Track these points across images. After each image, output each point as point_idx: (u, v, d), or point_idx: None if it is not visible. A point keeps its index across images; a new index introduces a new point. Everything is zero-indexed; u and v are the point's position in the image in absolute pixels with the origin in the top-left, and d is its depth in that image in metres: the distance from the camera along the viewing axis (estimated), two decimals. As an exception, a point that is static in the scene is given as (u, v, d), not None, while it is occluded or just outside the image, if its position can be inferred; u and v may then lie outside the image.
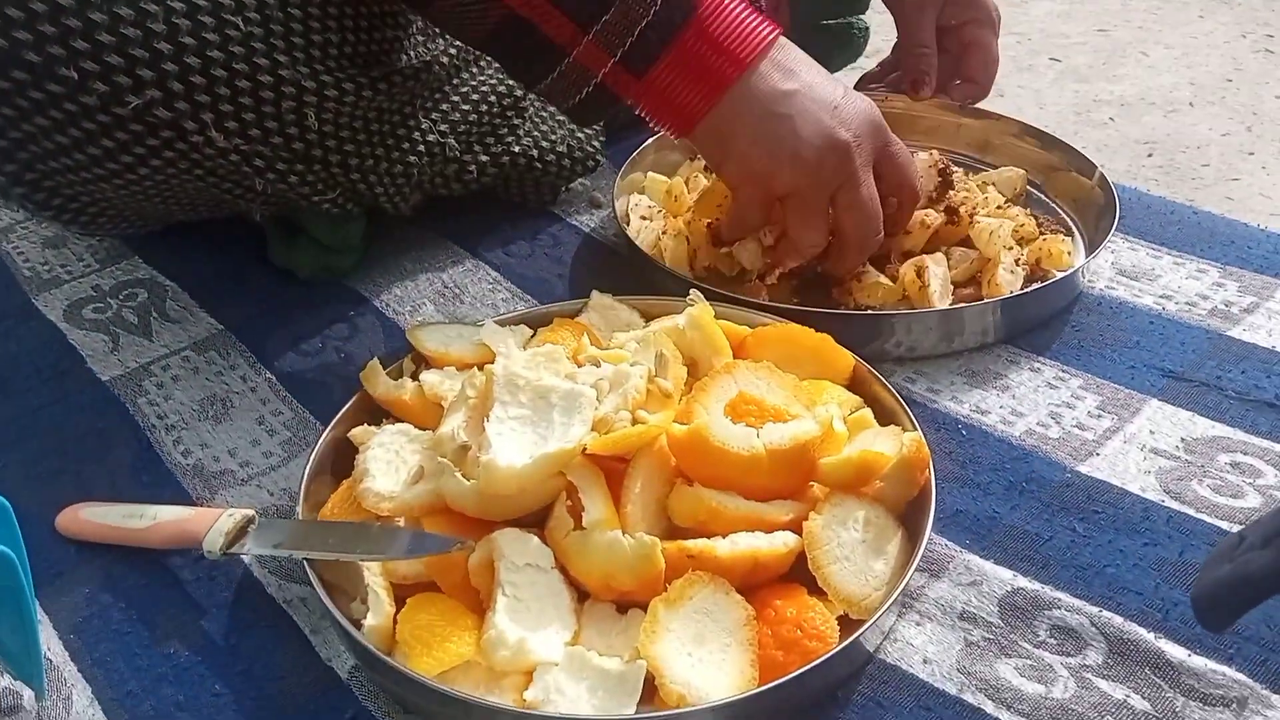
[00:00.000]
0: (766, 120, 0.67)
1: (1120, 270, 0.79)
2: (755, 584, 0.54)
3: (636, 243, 0.79)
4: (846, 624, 0.52)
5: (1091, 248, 0.77)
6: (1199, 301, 0.75)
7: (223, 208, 0.78)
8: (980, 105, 0.92)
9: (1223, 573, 0.45)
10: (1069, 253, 0.76)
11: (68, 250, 0.90)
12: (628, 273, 0.80)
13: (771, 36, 0.67)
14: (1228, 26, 1.48)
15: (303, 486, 0.59)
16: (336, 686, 0.54)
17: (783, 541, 0.54)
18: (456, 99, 0.82)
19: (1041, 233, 0.79)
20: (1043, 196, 0.86)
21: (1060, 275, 0.73)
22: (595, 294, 0.71)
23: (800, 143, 0.67)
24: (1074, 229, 0.82)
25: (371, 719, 0.53)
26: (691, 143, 0.72)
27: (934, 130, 0.93)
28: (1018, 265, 0.74)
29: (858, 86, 0.99)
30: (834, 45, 1.03)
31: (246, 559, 0.61)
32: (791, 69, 0.68)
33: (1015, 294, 0.72)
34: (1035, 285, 0.73)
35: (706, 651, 0.51)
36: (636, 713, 0.49)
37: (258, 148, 0.69)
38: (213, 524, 0.58)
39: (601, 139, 0.91)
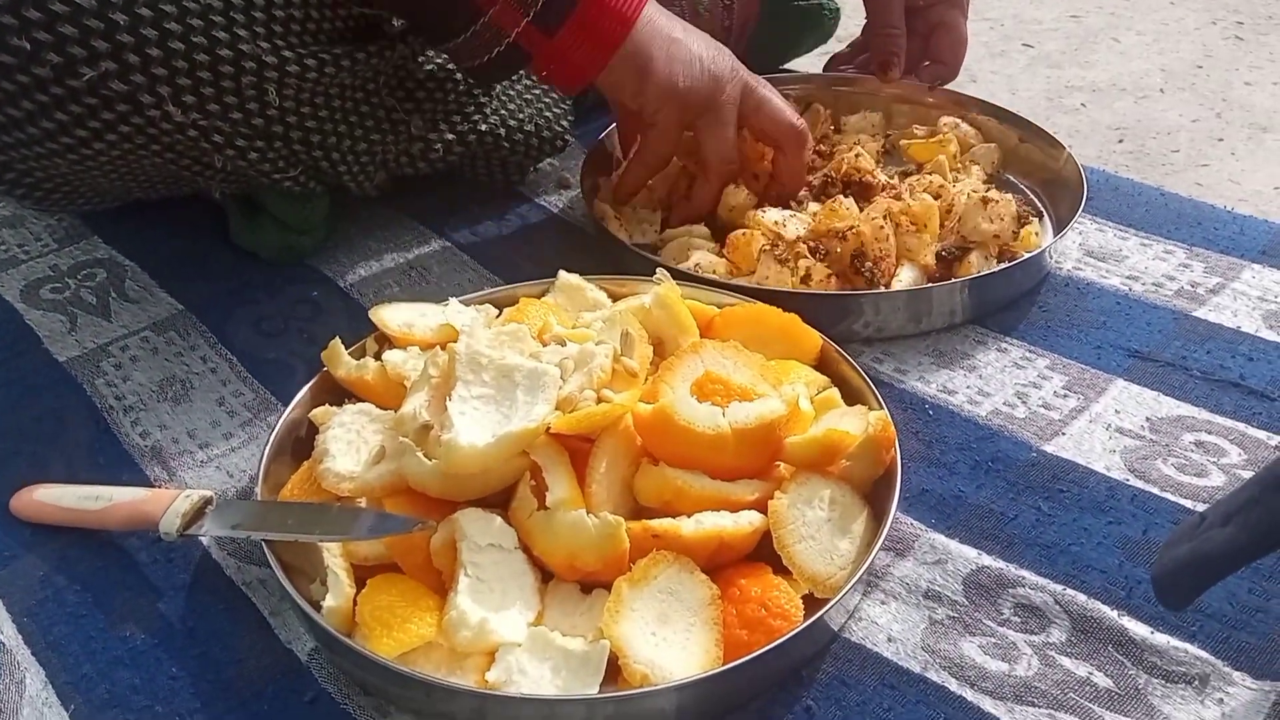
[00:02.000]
0: (672, 44, 0.73)
1: (1088, 251, 0.79)
2: (720, 563, 0.53)
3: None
4: (811, 603, 0.52)
5: (1059, 228, 0.77)
6: (1165, 282, 0.76)
7: (182, 185, 0.77)
8: (950, 87, 0.92)
9: (1182, 552, 0.46)
10: (1036, 234, 0.76)
11: (25, 230, 0.88)
12: (595, 253, 0.79)
13: None
14: (1198, 13, 1.49)
15: (261, 467, 0.58)
16: (296, 669, 0.54)
17: (748, 521, 0.53)
18: (422, 76, 0.81)
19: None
20: (1010, 178, 0.86)
21: (1027, 255, 0.73)
22: (562, 274, 0.70)
23: (704, 59, 0.74)
24: (1043, 210, 0.82)
25: (331, 701, 0.52)
26: (605, 87, 0.75)
27: (903, 111, 0.92)
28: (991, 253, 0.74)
29: (827, 68, 0.99)
30: (804, 26, 1.02)
31: (205, 541, 0.60)
32: (670, 16, 0.75)
33: (982, 274, 0.72)
34: (1003, 265, 0.72)
35: (671, 631, 0.50)
36: (600, 693, 0.48)
37: (216, 123, 0.68)
38: (169, 505, 0.57)
39: (570, 119, 0.90)
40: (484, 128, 0.84)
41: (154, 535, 0.57)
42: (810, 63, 1.07)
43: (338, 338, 0.64)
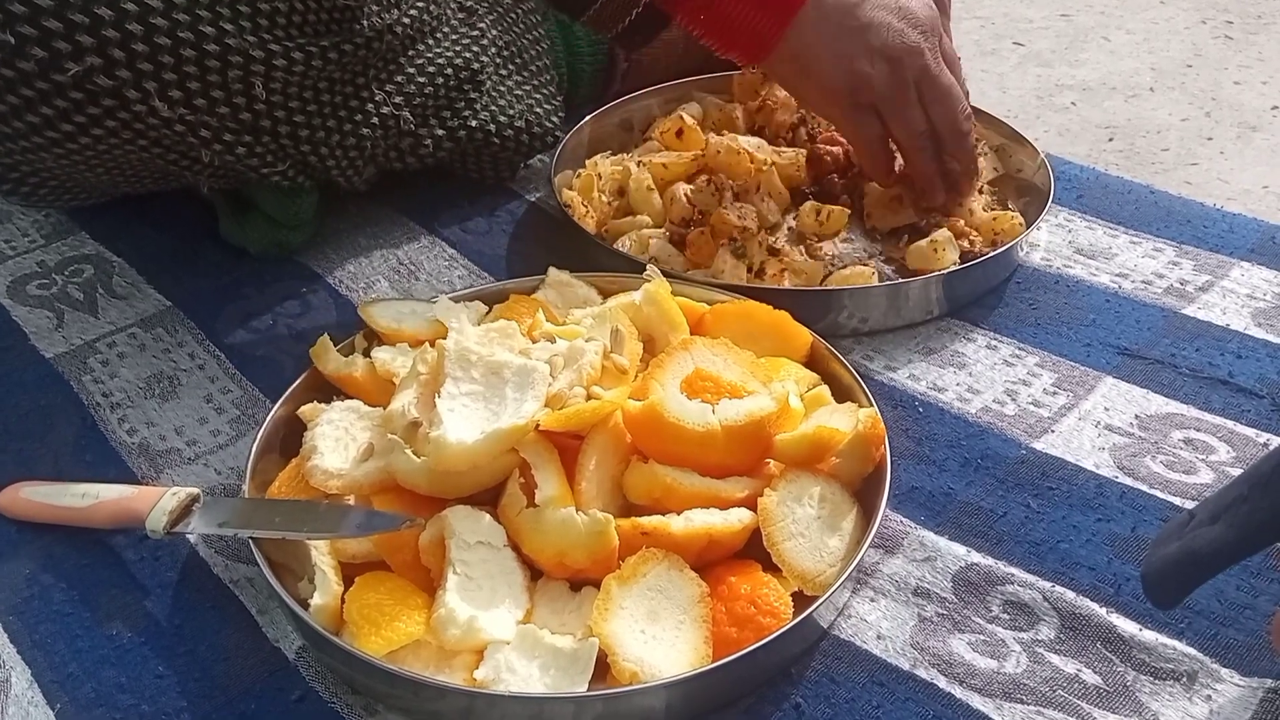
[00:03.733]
0: (841, 38, 0.68)
1: (1078, 249, 0.79)
2: (710, 561, 0.53)
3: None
4: (801, 600, 0.52)
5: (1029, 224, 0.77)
6: (1154, 280, 0.76)
7: (169, 180, 0.77)
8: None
9: (1171, 550, 0.46)
10: (1021, 224, 0.76)
11: (12, 225, 0.87)
12: (585, 250, 0.79)
13: None
14: (1188, 13, 1.49)
15: (249, 464, 0.58)
16: (283, 667, 0.53)
17: (738, 518, 0.53)
18: (412, 70, 0.80)
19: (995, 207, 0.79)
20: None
21: (999, 249, 0.73)
22: (552, 270, 0.70)
23: (874, 55, 0.68)
24: (1014, 207, 0.82)
25: (319, 700, 0.52)
26: (764, 69, 0.72)
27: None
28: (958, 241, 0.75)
29: None
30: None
31: (192, 539, 0.60)
32: None
33: (955, 268, 0.72)
34: (974, 260, 0.73)
35: (660, 629, 0.50)
36: (589, 691, 0.48)
37: (203, 118, 0.67)
38: (156, 503, 0.57)
39: (561, 114, 0.90)
40: (474, 123, 0.84)
41: (141, 533, 0.57)
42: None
43: (326, 334, 0.64)
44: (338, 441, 0.58)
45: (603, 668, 0.49)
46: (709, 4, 0.67)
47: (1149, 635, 0.52)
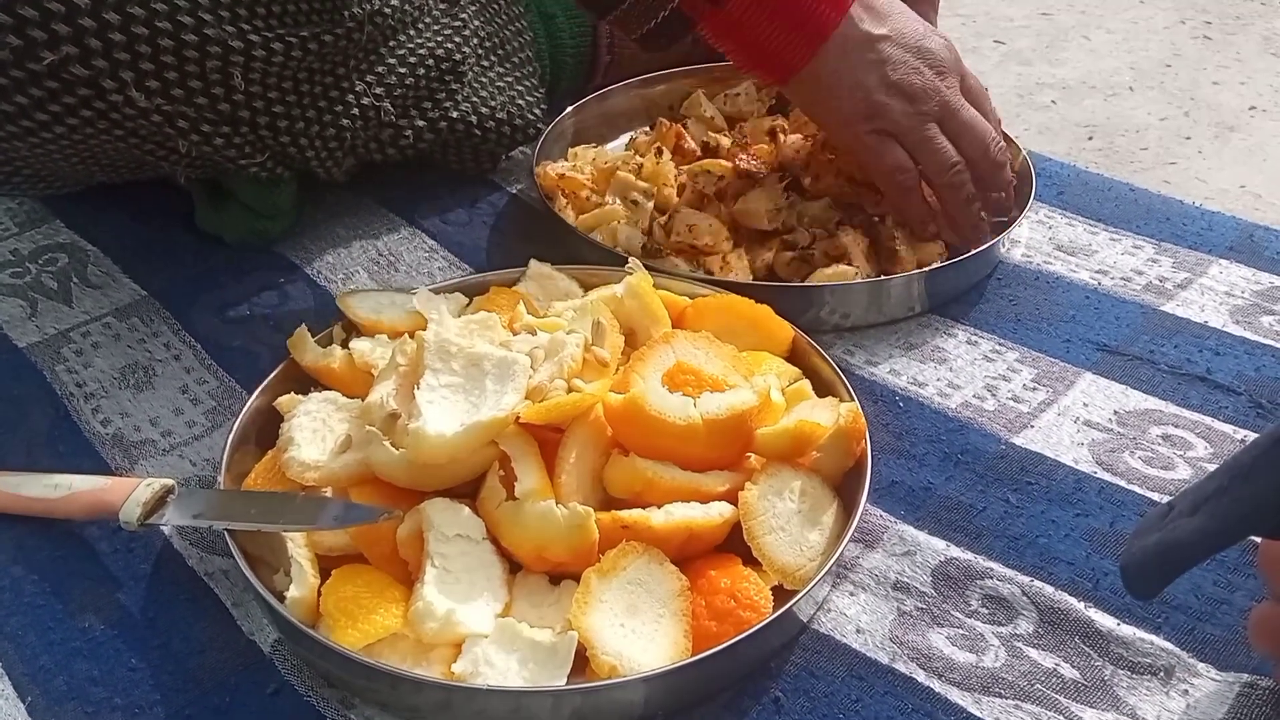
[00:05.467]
0: (860, 68, 0.68)
1: (1058, 245, 0.79)
2: (690, 554, 0.53)
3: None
4: (781, 594, 0.52)
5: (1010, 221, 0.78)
6: (1134, 277, 0.76)
7: (146, 169, 0.76)
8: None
9: (1151, 541, 0.46)
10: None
11: (-16, 213, 0.86)
12: (567, 242, 0.79)
13: None
14: (1167, 12, 1.50)
15: (225, 456, 0.58)
16: (259, 660, 0.53)
17: (718, 512, 0.53)
18: (393, 61, 0.79)
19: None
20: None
21: (979, 249, 0.73)
22: (533, 263, 0.70)
23: (891, 88, 0.68)
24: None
25: (295, 693, 0.51)
26: (784, 90, 0.72)
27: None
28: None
29: None
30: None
31: (166, 530, 0.59)
32: (879, 11, 0.69)
33: (937, 265, 0.72)
34: (958, 258, 0.73)
35: (639, 622, 0.50)
36: (568, 684, 0.48)
37: (181, 108, 0.67)
38: (130, 494, 0.56)
39: (543, 106, 0.90)
40: (455, 115, 0.83)
41: (114, 524, 0.56)
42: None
43: (304, 325, 0.63)
44: (315, 433, 0.57)
45: (582, 661, 0.48)
46: (739, 23, 0.67)
47: (1127, 630, 0.53)
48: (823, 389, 0.62)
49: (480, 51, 0.86)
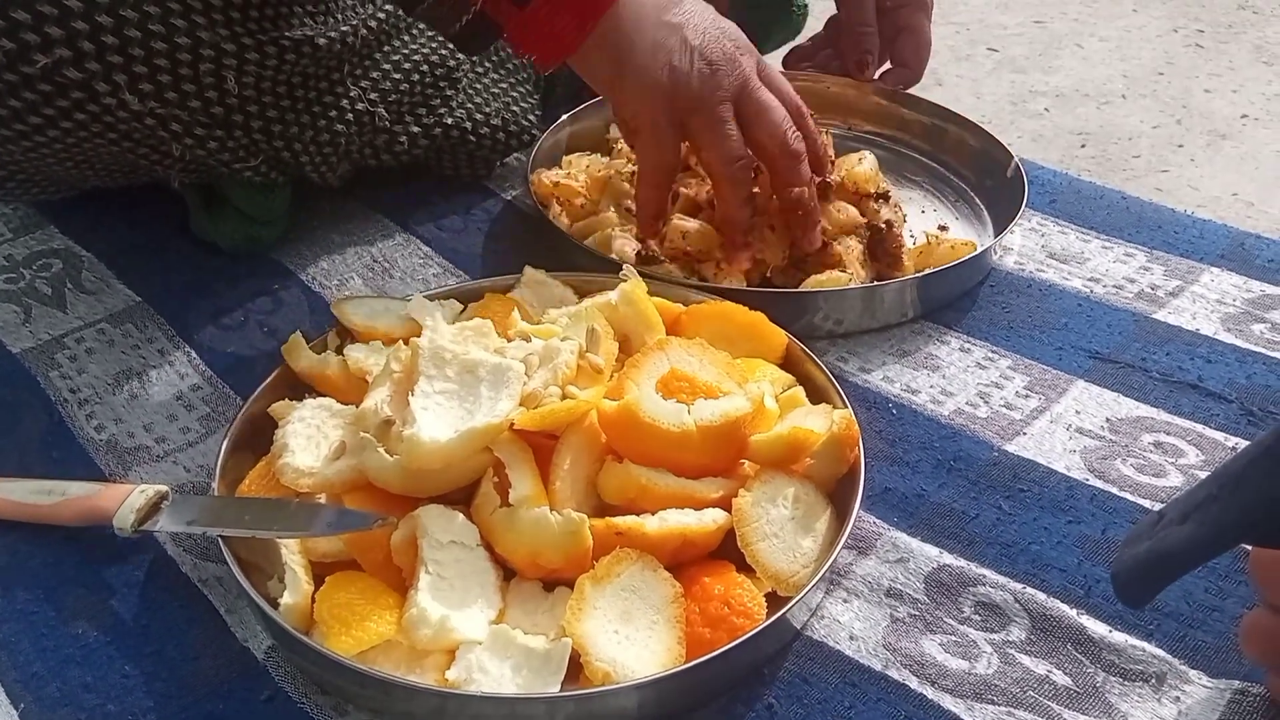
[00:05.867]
0: (660, 28, 0.66)
1: (1050, 253, 0.80)
2: (684, 561, 0.53)
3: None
4: (774, 601, 0.52)
5: (1004, 229, 0.78)
6: (1126, 285, 0.76)
7: (139, 174, 0.76)
8: (911, 91, 0.92)
9: (1141, 549, 0.46)
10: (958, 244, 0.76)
11: (-22, 218, 0.86)
12: (561, 249, 0.79)
13: None
14: (1160, 20, 1.51)
15: (219, 462, 0.58)
16: (252, 667, 0.53)
17: (712, 519, 0.53)
18: (387, 67, 0.80)
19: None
20: (958, 181, 0.87)
21: (972, 254, 0.74)
22: (528, 269, 0.70)
23: (693, 51, 0.65)
24: (987, 212, 0.83)
25: (289, 700, 0.51)
26: (578, 67, 0.69)
27: (852, 112, 0.93)
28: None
29: (786, 61, 0.99)
30: (773, 22, 1.02)
31: (160, 537, 0.59)
32: None
33: (930, 271, 0.72)
34: (949, 264, 0.73)
35: (633, 629, 0.50)
36: (561, 691, 0.48)
37: (174, 111, 0.67)
38: (124, 500, 0.56)
39: (538, 112, 0.90)
40: (450, 121, 0.83)
41: (108, 531, 0.56)
42: (774, 58, 1.08)
43: (299, 331, 0.63)
44: (309, 439, 0.57)
45: (575, 668, 0.49)
46: (529, 15, 0.65)
47: (1119, 637, 0.53)
48: (816, 396, 0.62)
49: (475, 58, 0.86)
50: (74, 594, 0.56)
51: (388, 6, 0.78)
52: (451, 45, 0.71)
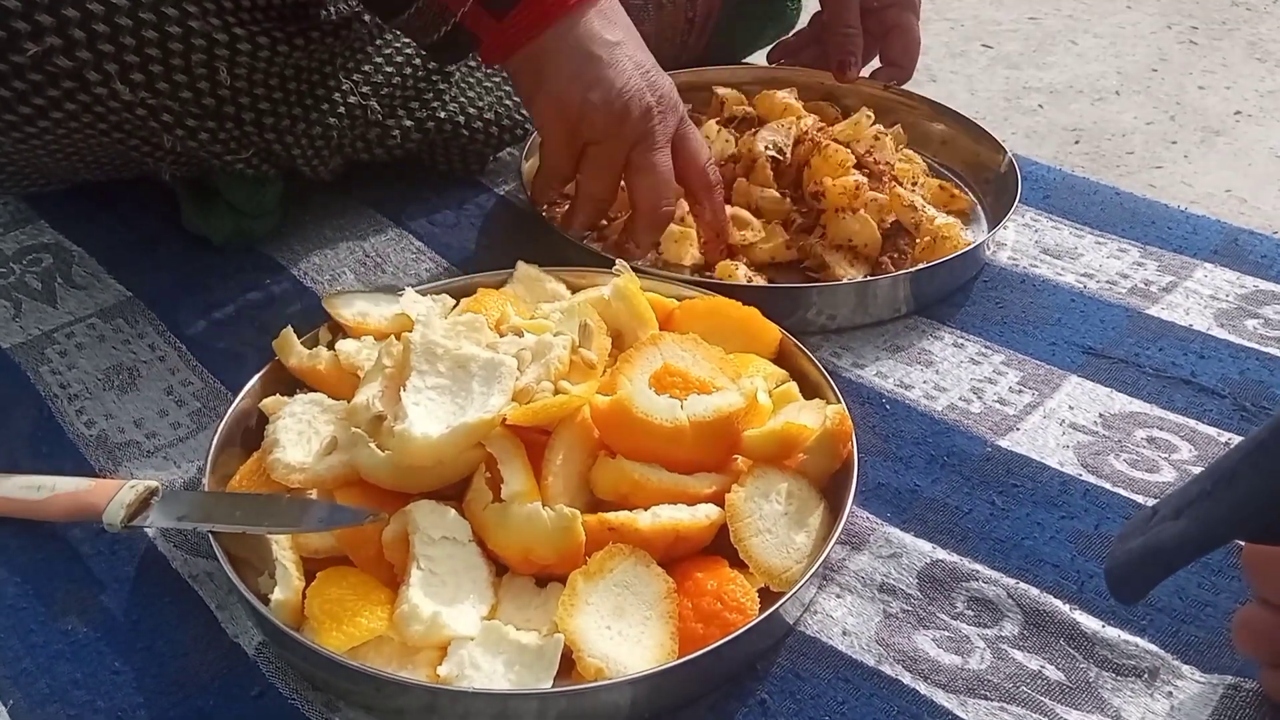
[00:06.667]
0: (585, 60, 0.67)
1: (1044, 249, 0.80)
2: (677, 556, 0.53)
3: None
4: (767, 596, 0.52)
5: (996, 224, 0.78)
6: (1119, 280, 0.76)
7: (130, 166, 0.75)
8: (907, 86, 0.92)
9: (1135, 545, 0.46)
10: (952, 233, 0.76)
11: (-33, 212, 0.86)
12: (554, 244, 0.79)
13: None
14: (1154, 18, 1.51)
15: (210, 457, 0.57)
16: (243, 663, 0.52)
17: (705, 514, 0.53)
18: (380, 60, 0.79)
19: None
20: (953, 176, 0.86)
21: (965, 249, 0.74)
22: (520, 264, 0.70)
23: (611, 90, 0.67)
24: (980, 207, 0.83)
25: (279, 696, 0.51)
26: (506, 70, 0.72)
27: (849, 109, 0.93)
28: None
29: (771, 56, 0.99)
30: (767, 18, 1.02)
31: (150, 532, 0.59)
32: (616, 24, 0.69)
33: (923, 266, 0.72)
34: (941, 259, 0.73)
35: (626, 625, 0.50)
36: (554, 686, 0.48)
37: (165, 102, 0.66)
38: (114, 496, 0.56)
39: (531, 108, 0.90)
40: (443, 115, 0.83)
41: (98, 526, 0.56)
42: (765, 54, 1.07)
43: (290, 326, 0.63)
44: (300, 435, 0.57)
45: (568, 664, 0.48)
46: (506, 26, 0.67)
47: (1111, 632, 0.53)
48: (809, 391, 0.62)
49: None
50: (63, 590, 0.56)
51: None
52: (429, 57, 0.72)
